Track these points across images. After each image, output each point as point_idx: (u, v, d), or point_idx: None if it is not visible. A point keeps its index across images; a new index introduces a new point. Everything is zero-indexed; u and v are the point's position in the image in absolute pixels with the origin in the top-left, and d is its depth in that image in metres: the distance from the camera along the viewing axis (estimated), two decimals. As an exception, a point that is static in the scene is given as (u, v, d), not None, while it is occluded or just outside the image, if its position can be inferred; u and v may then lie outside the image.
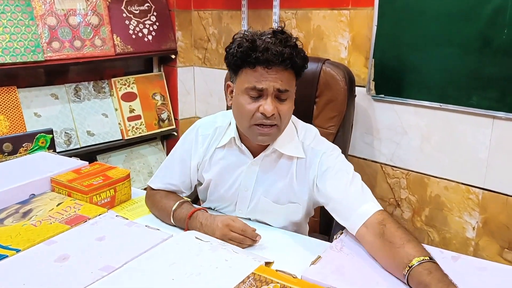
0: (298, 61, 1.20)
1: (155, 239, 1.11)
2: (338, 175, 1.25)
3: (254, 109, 1.20)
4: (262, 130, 1.22)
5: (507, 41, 1.57)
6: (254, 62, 1.17)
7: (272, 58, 1.15)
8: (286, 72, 1.19)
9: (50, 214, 1.22)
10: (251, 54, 1.17)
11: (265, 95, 1.19)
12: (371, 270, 1.05)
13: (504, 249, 1.76)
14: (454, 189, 1.84)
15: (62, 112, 2.39)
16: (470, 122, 1.74)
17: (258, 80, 1.18)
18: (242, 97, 1.22)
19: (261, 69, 1.18)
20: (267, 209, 1.35)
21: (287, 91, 1.21)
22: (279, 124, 1.23)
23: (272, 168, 1.33)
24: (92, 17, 2.38)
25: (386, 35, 1.88)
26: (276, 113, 1.20)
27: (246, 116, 1.22)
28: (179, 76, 2.79)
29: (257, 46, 1.17)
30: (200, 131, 1.39)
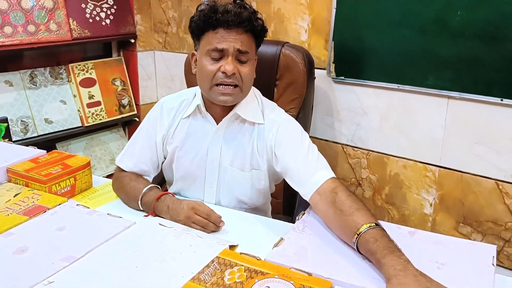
0: (256, 24, 1.26)
1: (117, 227, 1.10)
2: (294, 144, 1.29)
3: (216, 69, 1.24)
4: (224, 90, 1.26)
5: (461, 23, 1.62)
6: (215, 23, 1.23)
7: (231, 19, 1.21)
8: (245, 34, 1.25)
9: (7, 206, 1.19)
10: (212, 16, 1.22)
11: (226, 55, 1.24)
12: (332, 249, 1.07)
13: (460, 224, 1.84)
14: (412, 168, 1.90)
15: (18, 99, 2.31)
16: (426, 102, 1.80)
17: (219, 41, 1.23)
18: (204, 59, 1.27)
19: (222, 31, 1.23)
20: (235, 178, 1.37)
21: (247, 53, 1.26)
22: (240, 85, 1.27)
23: (235, 135, 1.36)
24: (46, 1, 2.29)
25: (345, 17, 1.90)
26: (237, 73, 1.24)
27: (207, 77, 1.26)
28: (139, 61, 2.74)
29: (217, 8, 1.22)
30: (164, 106, 1.41)
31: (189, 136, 1.38)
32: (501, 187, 1.71)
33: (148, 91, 2.83)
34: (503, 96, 1.61)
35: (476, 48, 1.61)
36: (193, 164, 1.39)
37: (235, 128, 1.36)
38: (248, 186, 1.38)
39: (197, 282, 0.88)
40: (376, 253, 0.95)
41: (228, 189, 1.39)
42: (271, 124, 1.33)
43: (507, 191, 1.70)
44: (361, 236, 1.00)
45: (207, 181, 1.40)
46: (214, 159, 1.37)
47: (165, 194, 1.26)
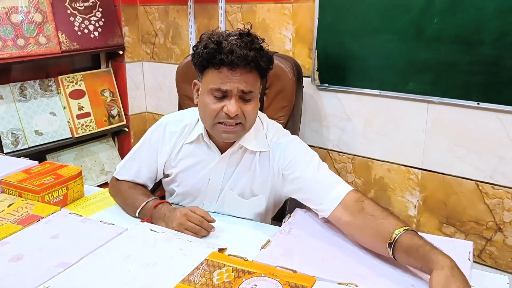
0: (262, 64, 1.22)
1: (110, 233, 1.14)
2: (304, 162, 1.28)
3: (218, 109, 1.22)
4: (226, 128, 1.24)
5: (437, 29, 1.69)
6: (219, 63, 1.18)
7: (236, 61, 1.16)
8: (250, 74, 1.21)
9: (1, 216, 1.22)
10: (216, 56, 1.18)
11: (229, 96, 1.21)
12: (317, 249, 1.12)
13: (443, 224, 1.90)
14: (396, 171, 1.96)
15: (8, 112, 2.34)
16: (408, 107, 1.86)
17: (223, 82, 1.20)
18: (207, 97, 1.24)
19: (226, 71, 1.19)
20: (233, 201, 1.39)
21: (251, 92, 1.23)
22: (243, 123, 1.25)
23: (238, 162, 1.36)
24: (35, 15, 2.33)
25: (327, 26, 1.96)
26: (240, 113, 1.22)
27: (210, 115, 1.24)
28: (127, 72, 2.78)
29: (223, 48, 1.18)
30: (167, 128, 1.40)
31: (192, 162, 1.39)
32: (481, 187, 1.77)
33: (137, 101, 2.87)
34: (480, 100, 1.67)
35: (452, 53, 1.67)
36: (195, 187, 1.42)
37: (238, 156, 1.36)
38: (247, 211, 1.40)
39: (187, 284, 0.92)
40: (423, 246, 0.98)
41: (227, 209, 1.42)
42: (276, 147, 1.33)
43: (487, 191, 1.76)
44: (401, 236, 1.02)
45: (206, 200, 1.43)
46: (216, 184, 1.39)
47: (162, 202, 1.29)
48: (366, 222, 1.10)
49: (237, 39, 1.20)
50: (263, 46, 1.24)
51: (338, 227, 1.19)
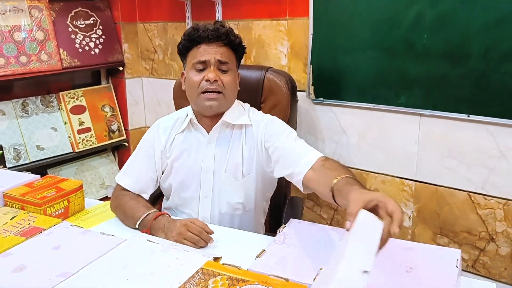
0: (232, 38, 1.44)
1: (109, 244, 1.18)
2: (283, 136, 1.43)
3: (201, 79, 1.41)
4: (209, 96, 1.41)
5: (427, 44, 1.74)
6: (198, 40, 1.41)
7: (211, 34, 1.40)
8: (224, 47, 1.43)
9: (4, 228, 1.26)
10: (194, 34, 1.42)
11: (208, 66, 1.41)
12: (309, 258, 1.15)
13: (437, 235, 1.93)
14: (390, 183, 2.00)
15: (10, 127, 2.39)
16: (400, 120, 1.91)
17: (202, 54, 1.41)
18: (190, 72, 1.44)
19: (204, 45, 1.41)
20: (227, 184, 1.49)
21: (227, 63, 1.43)
22: (223, 92, 1.42)
23: (226, 142, 1.49)
24: (37, 33, 2.39)
25: (321, 42, 2.02)
26: (219, 80, 1.41)
27: (194, 86, 1.42)
28: (127, 87, 2.84)
29: (199, 28, 1.42)
30: (160, 125, 1.55)
31: (184, 149, 1.51)
32: (473, 198, 1.81)
33: (136, 116, 2.92)
34: (470, 113, 1.72)
35: (441, 67, 1.73)
36: (189, 175, 1.50)
37: (226, 135, 1.49)
38: (242, 193, 1.49)
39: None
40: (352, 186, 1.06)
41: (222, 196, 1.50)
42: (258, 124, 1.48)
43: (479, 202, 1.80)
44: (339, 181, 1.12)
45: (202, 191, 1.50)
46: (208, 169, 1.49)
47: (162, 214, 1.34)
48: (322, 175, 1.22)
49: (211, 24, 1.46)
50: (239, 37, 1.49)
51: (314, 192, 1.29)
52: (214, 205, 1.51)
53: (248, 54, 2.28)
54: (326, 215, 2.23)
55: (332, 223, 2.22)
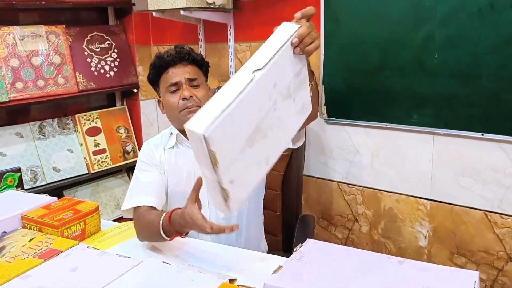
0: (195, 56, 1.52)
1: (126, 266, 1.19)
2: None
3: (177, 100, 1.47)
4: (189, 109, 1.46)
5: (438, 64, 1.75)
6: (164, 65, 1.49)
7: (174, 57, 1.48)
8: (190, 66, 1.50)
9: (23, 250, 1.28)
10: (160, 61, 1.50)
11: (181, 86, 1.47)
12: (329, 276, 1.15)
13: (454, 254, 1.91)
14: (404, 202, 1.99)
15: (27, 150, 2.43)
16: (413, 139, 1.90)
17: (172, 77, 1.48)
18: (166, 96, 1.50)
19: (171, 69, 1.49)
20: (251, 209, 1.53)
21: (197, 79, 1.50)
22: (201, 106, 1.43)
23: None
24: (54, 57, 2.45)
25: (333, 62, 2.04)
26: (194, 96, 1.47)
27: (173, 108, 1.48)
28: (142, 109, 2.88)
29: (162, 55, 1.51)
30: (150, 143, 1.62)
31: (176, 164, 1.55)
32: (490, 217, 1.79)
33: (150, 137, 2.93)
34: (483, 131, 1.72)
35: (453, 86, 1.73)
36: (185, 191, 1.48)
37: None
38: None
39: (200, 313, 0.96)
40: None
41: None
42: None
43: (496, 221, 1.78)
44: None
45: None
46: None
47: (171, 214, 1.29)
48: None
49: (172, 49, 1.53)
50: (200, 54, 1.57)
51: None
52: (212, 215, 1.52)
53: (260, 75, 2.31)
54: (341, 234, 2.23)
55: (346, 243, 2.20)
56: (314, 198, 2.27)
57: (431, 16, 1.74)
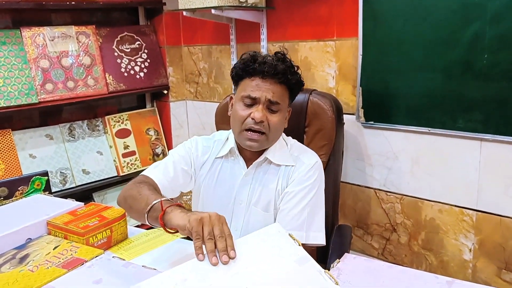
0: (290, 77, 1.35)
1: (152, 279, 1.12)
2: (299, 196, 1.37)
3: (246, 115, 1.33)
4: (251, 136, 1.34)
5: (488, 65, 1.62)
6: (252, 72, 1.33)
7: (267, 69, 1.31)
8: (279, 86, 1.34)
9: (47, 258, 1.23)
10: (250, 65, 1.34)
11: (258, 103, 1.33)
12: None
13: (502, 270, 1.77)
14: (448, 212, 1.86)
15: (57, 152, 2.41)
16: (459, 145, 1.78)
17: (253, 89, 1.33)
18: (238, 104, 1.37)
19: (258, 80, 1.33)
20: (259, 219, 1.41)
21: (278, 104, 1.34)
22: (267, 133, 1.34)
23: (263, 176, 1.42)
24: (84, 58, 2.42)
25: (371, 63, 1.93)
26: (265, 121, 1.33)
27: (238, 121, 1.35)
28: (172, 111, 2.83)
29: (257, 58, 1.34)
30: (200, 142, 1.49)
31: (219, 178, 1.45)
32: (543, 230, 1.65)
33: (180, 140, 2.90)
34: (538, 137, 1.58)
35: (504, 89, 1.60)
36: (221, 204, 1.42)
37: (263, 169, 1.43)
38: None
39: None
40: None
41: (252, 229, 1.40)
42: (300, 166, 1.40)
43: (550, 234, 1.64)
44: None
45: (232, 225, 1.44)
46: (242, 202, 1.42)
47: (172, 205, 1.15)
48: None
49: (271, 55, 1.37)
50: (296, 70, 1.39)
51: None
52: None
53: (294, 76, 2.22)
54: (377, 244, 2.11)
55: (384, 253, 2.09)
56: (350, 206, 2.16)
57: (480, 13, 1.61)
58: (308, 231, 1.35)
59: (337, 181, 1.83)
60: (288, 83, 1.36)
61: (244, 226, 1.43)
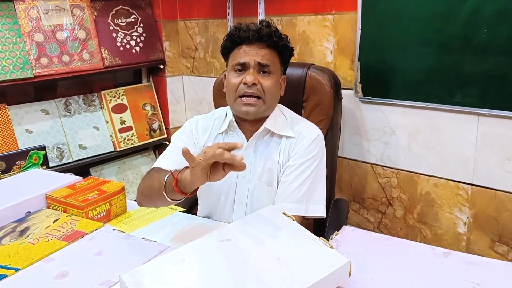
0: (276, 40, 1.34)
1: (152, 251, 1.13)
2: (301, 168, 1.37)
3: (239, 82, 1.33)
4: (246, 101, 1.33)
5: (487, 40, 1.61)
6: (238, 40, 1.35)
7: (251, 34, 1.32)
8: (267, 49, 1.34)
9: (47, 231, 1.24)
10: (235, 34, 1.35)
11: (248, 68, 1.33)
12: (369, 266, 1.07)
13: (495, 242, 1.80)
14: (443, 186, 1.88)
15: (53, 127, 2.40)
16: (456, 120, 1.78)
17: (241, 56, 1.34)
18: (230, 74, 1.37)
19: (244, 46, 1.34)
20: (263, 193, 1.42)
21: (268, 66, 1.34)
22: (262, 97, 1.34)
23: (264, 149, 1.42)
24: (79, 32, 2.39)
25: (370, 38, 1.91)
26: (258, 84, 1.32)
27: (232, 89, 1.35)
28: (168, 86, 2.81)
29: (241, 27, 1.35)
30: (200, 123, 1.48)
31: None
32: (537, 204, 1.67)
33: (177, 115, 2.89)
34: (535, 112, 1.59)
35: (502, 64, 1.60)
36: (225, 182, 1.42)
37: (265, 142, 1.42)
38: (272, 202, 1.41)
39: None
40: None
41: (257, 205, 1.42)
42: (301, 139, 1.40)
43: (544, 208, 1.66)
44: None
45: (237, 198, 1.44)
46: (245, 175, 1.42)
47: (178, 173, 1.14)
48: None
49: (255, 23, 1.37)
50: (283, 35, 1.38)
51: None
52: (248, 211, 1.44)
53: (291, 51, 2.21)
54: (373, 218, 2.13)
55: (379, 226, 2.11)
56: (346, 180, 2.17)
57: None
58: (308, 203, 1.36)
59: (334, 156, 1.83)
60: (276, 47, 1.36)
61: (249, 200, 1.43)
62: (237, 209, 1.45)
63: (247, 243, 1.00)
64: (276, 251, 0.96)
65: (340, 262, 0.93)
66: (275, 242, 1.00)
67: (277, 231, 1.04)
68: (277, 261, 0.93)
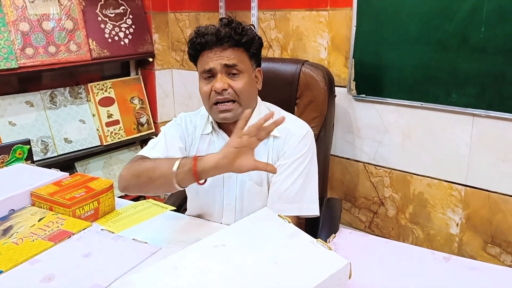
0: (237, 38, 1.28)
1: (143, 253, 1.09)
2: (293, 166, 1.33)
3: (209, 89, 1.29)
4: (221, 107, 1.29)
5: (485, 39, 1.59)
6: (199, 48, 1.30)
7: (210, 39, 1.26)
8: (230, 49, 1.28)
9: (32, 231, 1.18)
10: (195, 41, 1.29)
11: (215, 74, 1.28)
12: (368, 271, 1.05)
13: (488, 244, 1.79)
14: (436, 186, 1.87)
15: (38, 119, 2.33)
16: (450, 120, 1.77)
17: (206, 62, 1.29)
18: (200, 82, 1.33)
19: (207, 52, 1.29)
20: (253, 193, 1.38)
21: (236, 66, 1.28)
22: (237, 100, 1.29)
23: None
24: (66, 22, 2.32)
25: (365, 35, 1.88)
26: (229, 88, 1.27)
27: (205, 98, 1.32)
28: (157, 79, 2.75)
29: (200, 32, 1.29)
30: (187, 119, 1.44)
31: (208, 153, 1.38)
32: (530, 206, 1.67)
33: (166, 109, 2.83)
34: (531, 114, 1.57)
35: (499, 64, 1.58)
36: (213, 181, 1.38)
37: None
38: (263, 202, 1.38)
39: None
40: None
41: (247, 204, 1.39)
42: (290, 138, 1.35)
43: (537, 210, 1.66)
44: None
45: (225, 198, 1.41)
46: (231, 175, 1.38)
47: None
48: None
49: (215, 24, 1.31)
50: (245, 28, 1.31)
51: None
52: (237, 212, 1.41)
53: (284, 46, 2.17)
54: (365, 217, 2.11)
55: (371, 226, 2.09)
56: (338, 179, 2.15)
57: (479, -15, 1.57)
58: (301, 202, 1.33)
59: (327, 154, 1.80)
60: (239, 45, 1.29)
61: (238, 200, 1.40)
62: (226, 209, 1.42)
63: (242, 248, 0.96)
64: (273, 255, 0.93)
65: (340, 264, 0.90)
66: (271, 246, 0.97)
67: (273, 234, 1.01)
68: (274, 265, 0.90)
